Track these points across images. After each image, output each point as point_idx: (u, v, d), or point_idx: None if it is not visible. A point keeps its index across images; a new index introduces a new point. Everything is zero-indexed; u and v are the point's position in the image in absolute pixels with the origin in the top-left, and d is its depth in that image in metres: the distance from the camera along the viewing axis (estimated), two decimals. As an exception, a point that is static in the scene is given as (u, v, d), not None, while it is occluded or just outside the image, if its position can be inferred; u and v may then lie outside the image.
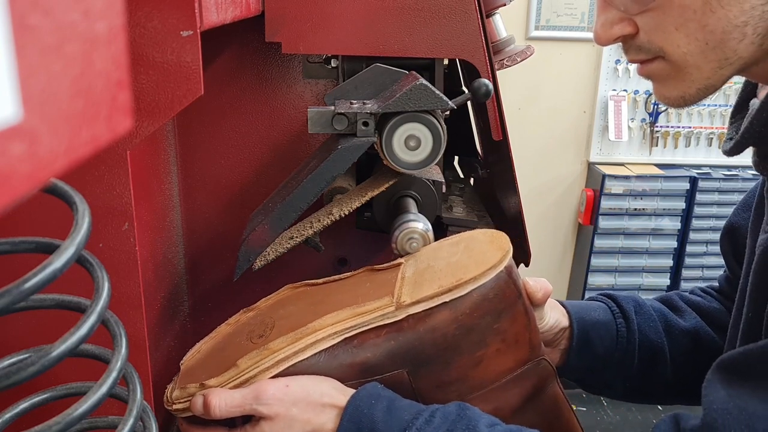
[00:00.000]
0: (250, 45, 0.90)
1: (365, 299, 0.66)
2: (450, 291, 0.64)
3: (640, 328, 0.83)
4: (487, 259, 0.67)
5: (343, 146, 0.71)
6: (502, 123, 0.84)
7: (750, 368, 0.57)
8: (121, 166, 0.58)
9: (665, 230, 2.88)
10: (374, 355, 0.63)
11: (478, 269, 0.65)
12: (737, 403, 0.55)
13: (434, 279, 0.67)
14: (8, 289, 0.29)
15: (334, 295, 0.72)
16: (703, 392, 0.59)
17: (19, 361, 0.42)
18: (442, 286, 0.64)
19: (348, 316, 0.65)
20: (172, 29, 0.53)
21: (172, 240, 0.89)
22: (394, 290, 0.67)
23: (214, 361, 0.69)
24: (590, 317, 0.82)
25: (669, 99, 0.64)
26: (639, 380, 0.83)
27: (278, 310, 0.73)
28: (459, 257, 0.70)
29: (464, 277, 0.64)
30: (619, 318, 0.83)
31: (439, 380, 0.65)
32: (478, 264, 0.66)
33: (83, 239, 0.33)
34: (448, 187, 0.99)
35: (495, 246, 0.70)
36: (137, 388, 0.44)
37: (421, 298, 0.64)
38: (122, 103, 0.23)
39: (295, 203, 0.73)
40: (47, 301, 0.43)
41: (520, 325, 0.66)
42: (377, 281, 0.71)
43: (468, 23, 0.78)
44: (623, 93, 2.83)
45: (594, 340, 0.81)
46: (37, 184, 0.19)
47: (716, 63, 0.59)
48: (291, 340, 0.64)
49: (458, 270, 0.67)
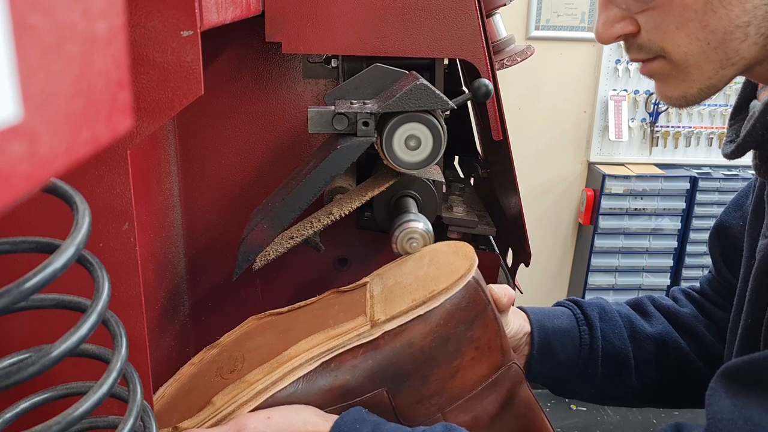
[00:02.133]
0: (250, 45, 0.90)
1: (336, 321, 0.66)
2: (424, 303, 0.64)
3: (604, 334, 0.82)
4: (456, 269, 0.67)
5: (343, 146, 0.71)
6: (502, 123, 0.84)
7: (756, 378, 0.56)
8: (121, 166, 0.58)
9: (665, 230, 2.88)
10: (353, 376, 0.62)
11: (448, 280, 0.65)
12: (743, 413, 0.54)
13: (405, 294, 0.66)
14: (8, 289, 0.29)
15: (302, 321, 0.71)
16: (707, 400, 0.59)
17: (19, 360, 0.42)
18: (415, 300, 0.64)
19: (323, 339, 0.64)
20: (172, 29, 0.53)
21: (172, 240, 0.89)
22: (365, 309, 0.66)
23: (183, 403, 0.66)
24: (552, 324, 0.81)
25: (670, 99, 0.63)
26: (605, 386, 0.83)
27: (245, 343, 0.72)
28: (426, 270, 0.70)
29: (436, 289, 0.65)
30: (583, 325, 0.82)
31: (418, 395, 0.65)
32: (447, 275, 0.66)
33: (83, 239, 0.33)
34: (448, 187, 0.99)
35: (460, 256, 0.70)
36: (137, 387, 0.44)
37: (395, 313, 0.64)
38: (122, 103, 0.23)
39: (295, 203, 0.73)
40: (47, 300, 0.42)
41: (491, 331, 0.67)
42: (345, 303, 0.70)
43: (468, 23, 0.78)
44: (623, 93, 2.83)
45: (556, 347, 0.80)
46: (37, 184, 0.19)
47: (718, 63, 0.58)
48: (267, 370, 0.62)
49: (428, 282, 0.67)
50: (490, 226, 0.93)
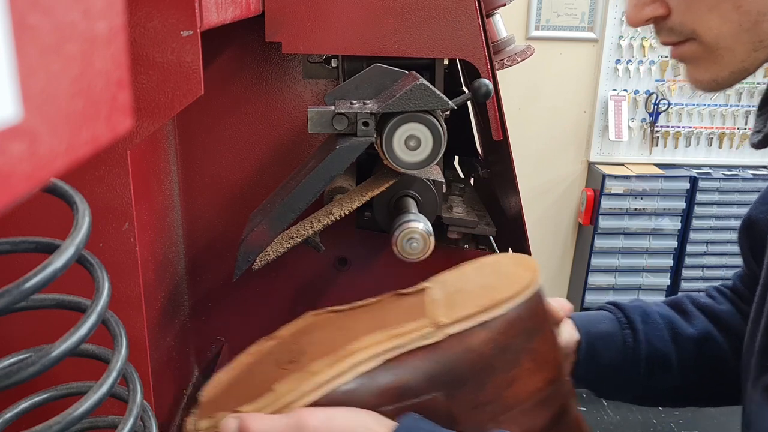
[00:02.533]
0: (250, 45, 0.90)
1: (398, 322, 0.66)
2: (487, 310, 0.65)
3: (647, 337, 0.82)
4: (519, 279, 0.68)
5: (342, 146, 0.71)
6: (502, 123, 0.84)
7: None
8: (121, 166, 0.58)
9: (665, 230, 2.88)
10: (413, 377, 0.63)
11: (512, 289, 0.66)
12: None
13: (468, 300, 0.67)
14: (8, 289, 0.29)
15: (362, 320, 0.71)
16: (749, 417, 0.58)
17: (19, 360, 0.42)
18: (480, 306, 0.65)
19: (385, 337, 0.64)
20: (172, 29, 0.53)
21: (172, 240, 0.89)
22: (427, 312, 0.67)
23: (241, 390, 0.67)
24: (597, 329, 0.82)
25: (701, 83, 0.62)
26: (647, 388, 0.83)
27: (303, 337, 0.72)
28: (488, 279, 0.71)
29: (500, 297, 0.65)
30: (626, 329, 0.82)
31: (474, 401, 0.65)
32: (511, 284, 0.67)
33: (83, 239, 0.33)
34: (448, 187, 0.99)
35: (523, 267, 0.71)
36: (137, 387, 0.44)
37: (459, 317, 0.64)
38: (122, 103, 0.23)
39: (294, 203, 0.73)
40: (47, 300, 0.43)
41: (549, 344, 0.68)
42: (404, 305, 0.71)
43: (468, 23, 0.78)
44: (623, 93, 2.83)
45: (601, 351, 0.80)
46: (37, 184, 0.19)
47: (750, 45, 0.57)
48: (330, 362, 0.62)
49: (492, 291, 0.67)
50: (490, 226, 0.93)
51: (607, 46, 2.77)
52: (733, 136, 2.92)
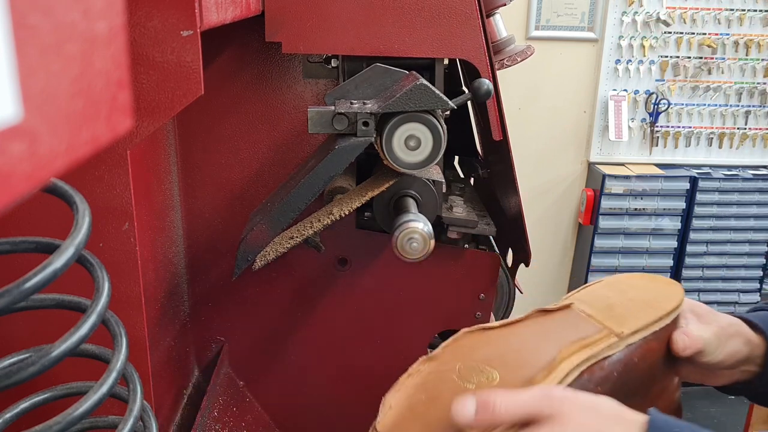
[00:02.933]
0: (250, 45, 0.90)
1: (570, 337, 0.67)
2: (660, 320, 0.68)
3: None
4: (673, 291, 0.72)
5: (341, 146, 0.71)
6: (502, 123, 0.84)
7: None
8: (122, 165, 0.58)
9: (665, 230, 2.88)
10: (602, 388, 0.64)
11: (674, 301, 0.70)
12: None
13: (633, 312, 0.70)
14: (8, 289, 0.29)
15: (523, 335, 0.71)
16: None
17: (19, 360, 0.42)
18: (652, 317, 0.68)
19: (577, 348, 0.66)
20: (172, 29, 0.53)
21: (172, 240, 0.89)
22: (598, 324, 0.69)
23: (429, 413, 0.64)
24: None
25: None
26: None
27: (470, 354, 0.70)
28: (634, 294, 0.74)
29: (669, 308, 0.69)
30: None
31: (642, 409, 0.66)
32: (669, 297, 0.72)
33: (83, 239, 0.33)
34: (448, 186, 0.99)
35: (663, 282, 0.75)
36: (137, 387, 0.44)
37: (638, 328, 0.67)
38: (122, 103, 0.23)
39: (294, 203, 0.73)
40: (47, 300, 0.43)
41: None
42: (562, 321, 0.72)
43: (468, 23, 0.78)
44: (623, 93, 2.83)
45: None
46: (37, 183, 0.19)
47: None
48: (545, 374, 0.63)
49: (653, 303, 0.71)
50: (490, 226, 0.93)
51: (607, 46, 2.77)
52: (733, 136, 2.92)
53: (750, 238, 2.91)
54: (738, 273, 2.95)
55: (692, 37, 2.78)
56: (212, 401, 0.93)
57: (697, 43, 2.79)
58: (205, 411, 0.88)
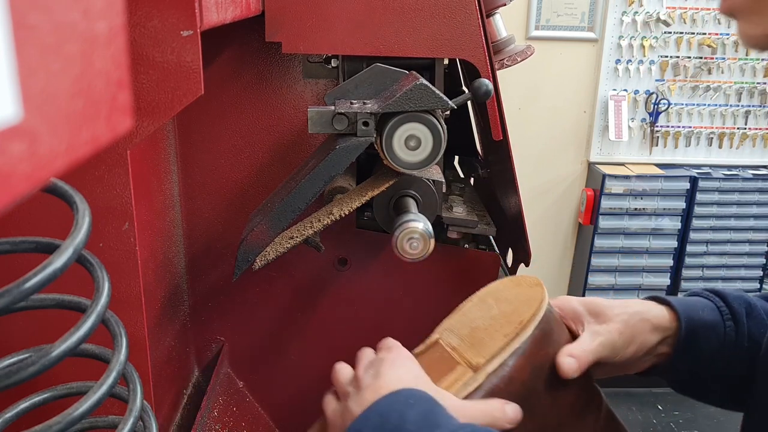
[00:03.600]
0: (250, 45, 0.90)
1: (435, 380, 0.64)
2: (517, 336, 0.64)
3: (750, 332, 0.74)
4: (531, 297, 0.67)
5: (341, 146, 0.71)
6: (502, 123, 0.84)
7: None
8: (121, 166, 0.58)
9: (665, 230, 2.88)
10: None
11: (531, 308, 0.66)
12: None
13: (492, 333, 0.66)
14: (8, 289, 0.30)
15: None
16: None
17: (19, 360, 0.42)
18: (507, 335, 0.64)
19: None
20: (172, 29, 0.53)
21: (172, 240, 0.89)
22: (457, 359, 0.66)
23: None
24: (699, 317, 0.74)
25: (753, 38, 0.58)
26: (741, 389, 0.75)
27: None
28: (498, 308, 0.70)
29: (524, 319, 0.65)
30: (729, 320, 0.75)
31: (526, 430, 0.63)
32: (527, 304, 0.67)
33: (83, 239, 0.33)
34: (448, 186, 0.99)
35: (525, 285, 0.70)
36: (137, 387, 0.44)
37: (493, 353, 0.63)
38: (122, 103, 0.23)
39: (294, 203, 0.73)
40: (47, 300, 0.43)
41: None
42: (428, 362, 0.69)
43: (468, 23, 0.78)
44: (623, 93, 2.83)
45: (701, 341, 0.73)
46: (37, 183, 0.19)
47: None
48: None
49: (512, 316, 0.67)
50: (490, 226, 0.93)
51: (607, 45, 2.77)
52: (733, 135, 2.92)
53: (750, 238, 2.91)
54: (738, 273, 2.95)
55: (692, 37, 2.78)
56: (212, 401, 0.93)
57: (697, 43, 2.79)
58: (205, 411, 0.89)
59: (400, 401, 0.57)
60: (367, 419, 0.57)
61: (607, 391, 0.73)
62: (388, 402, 0.58)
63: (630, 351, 0.71)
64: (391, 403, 0.57)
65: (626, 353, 0.71)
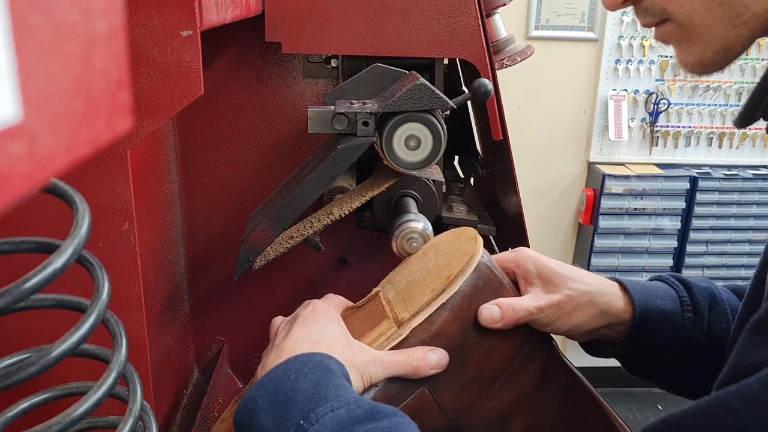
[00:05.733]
0: (250, 45, 0.90)
1: (361, 334, 0.65)
2: (444, 291, 0.63)
3: (711, 326, 0.73)
4: (464, 251, 0.67)
5: (343, 146, 0.71)
6: (502, 123, 0.84)
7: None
8: (121, 166, 0.58)
9: (665, 230, 2.88)
10: (392, 383, 0.62)
11: (460, 263, 0.65)
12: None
13: (422, 288, 0.66)
14: (8, 289, 0.30)
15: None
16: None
17: (19, 360, 0.42)
18: (434, 290, 0.64)
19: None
20: (172, 29, 0.53)
21: (172, 240, 0.89)
22: (386, 313, 0.66)
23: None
24: (655, 305, 0.73)
25: (688, 65, 0.60)
26: (695, 379, 0.75)
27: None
28: (435, 261, 0.69)
29: (451, 274, 0.64)
30: (688, 312, 0.74)
31: (458, 384, 0.64)
32: (458, 258, 0.66)
33: (83, 239, 0.33)
34: (448, 186, 0.99)
35: (464, 239, 0.70)
36: (137, 387, 0.44)
37: (418, 308, 0.63)
38: (122, 103, 0.23)
39: (295, 203, 0.73)
40: (47, 300, 0.43)
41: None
42: (363, 315, 0.70)
43: (468, 23, 0.78)
44: (623, 93, 2.83)
45: (654, 331, 0.72)
46: (37, 184, 0.19)
47: (727, 21, 0.54)
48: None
49: (441, 270, 0.66)
50: (490, 226, 0.93)
51: (606, 45, 2.77)
52: (733, 135, 2.92)
53: (750, 238, 2.91)
54: (738, 273, 2.95)
55: (692, 37, 2.78)
56: (212, 401, 0.93)
57: (697, 43, 2.78)
58: (205, 411, 0.89)
59: (296, 369, 0.56)
60: (262, 386, 0.56)
61: (608, 391, 0.72)
62: (283, 369, 0.57)
63: (565, 327, 0.70)
64: (285, 370, 0.57)
65: (561, 327, 0.70)
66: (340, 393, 0.54)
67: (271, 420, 0.53)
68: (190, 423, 0.86)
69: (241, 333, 1.02)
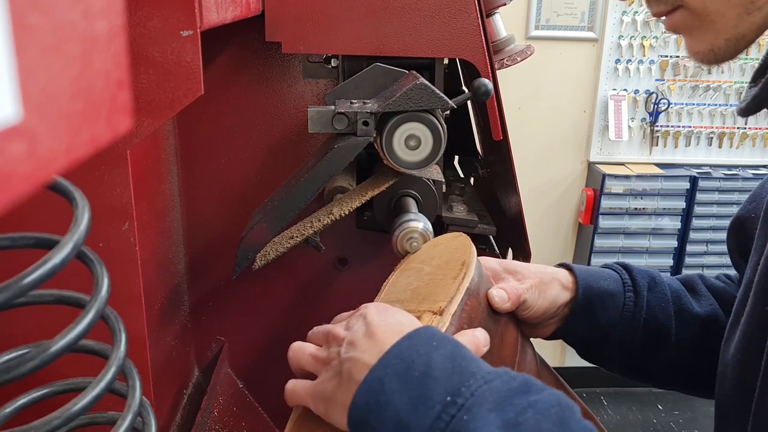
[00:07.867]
0: (250, 45, 0.90)
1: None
2: (465, 275, 0.63)
3: (650, 305, 0.78)
4: (459, 243, 0.69)
5: (340, 145, 0.72)
6: (502, 123, 0.84)
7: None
8: (121, 165, 0.58)
9: (665, 230, 2.88)
10: None
11: (465, 251, 0.66)
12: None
13: (438, 283, 0.65)
14: (8, 285, 0.30)
15: None
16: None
17: (18, 356, 0.42)
18: (456, 277, 0.63)
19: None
20: (172, 29, 0.53)
21: (172, 240, 0.90)
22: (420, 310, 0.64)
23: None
24: (598, 285, 0.77)
25: (699, 54, 0.59)
26: (639, 358, 0.79)
27: None
28: (430, 266, 0.70)
29: (465, 259, 0.65)
30: (629, 291, 0.78)
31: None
32: (458, 250, 0.68)
33: (83, 235, 0.33)
34: (448, 186, 0.99)
35: (446, 240, 0.72)
36: (136, 383, 0.44)
37: (452, 294, 0.62)
38: (122, 103, 0.24)
39: (293, 203, 0.73)
40: (47, 296, 0.43)
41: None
42: None
43: (468, 23, 0.78)
44: (623, 93, 2.83)
45: (598, 309, 0.76)
46: (37, 184, 0.19)
47: (741, 8, 0.54)
48: None
49: (450, 263, 0.67)
50: (490, 226, 0.93)
51: (606, 45, 2.77)
52: (733, 135, 2.92)
53: (750, 238, 2.90)
54: (738, 273, 2.95)
55: (693, 37, 2.78)
56: (212, 401, 0.93)
57: (697, 43, 2.78)
58: (205, 411, 0.89)
59: (423, 343, 0.51)
60: (387, 365, 0.50)
61: (608, 390, 0.73)
62: (408, 345, 0.51)
63: (544, 305, 0.74)
64: (411, 345, 0.51)
65: (540, 306, 0.73)
66: (481, 365, 0.50)
67: (406, 400, 0.48)
68: (190, 423, 0.86)
69: (241, 333, 1.02)
